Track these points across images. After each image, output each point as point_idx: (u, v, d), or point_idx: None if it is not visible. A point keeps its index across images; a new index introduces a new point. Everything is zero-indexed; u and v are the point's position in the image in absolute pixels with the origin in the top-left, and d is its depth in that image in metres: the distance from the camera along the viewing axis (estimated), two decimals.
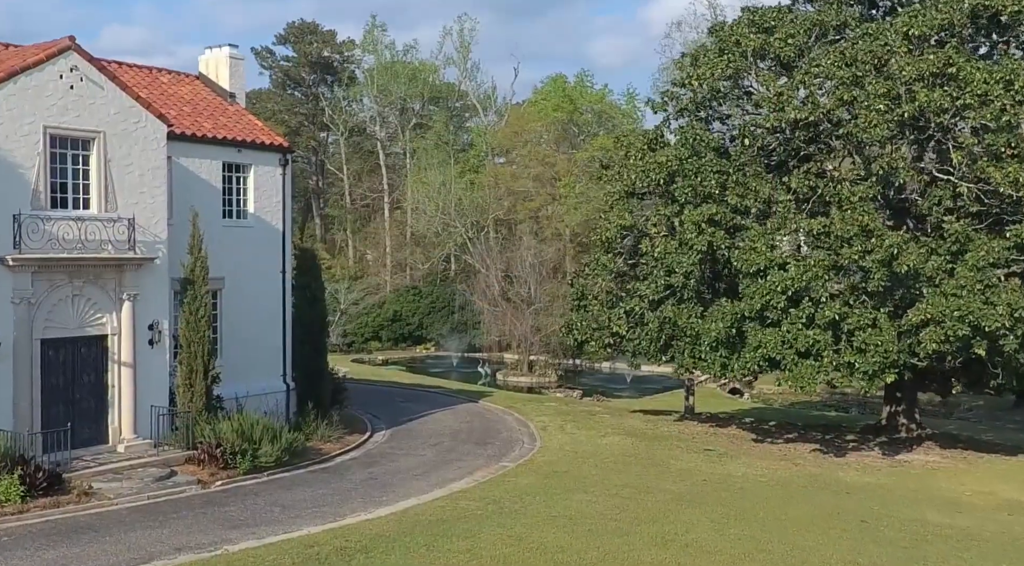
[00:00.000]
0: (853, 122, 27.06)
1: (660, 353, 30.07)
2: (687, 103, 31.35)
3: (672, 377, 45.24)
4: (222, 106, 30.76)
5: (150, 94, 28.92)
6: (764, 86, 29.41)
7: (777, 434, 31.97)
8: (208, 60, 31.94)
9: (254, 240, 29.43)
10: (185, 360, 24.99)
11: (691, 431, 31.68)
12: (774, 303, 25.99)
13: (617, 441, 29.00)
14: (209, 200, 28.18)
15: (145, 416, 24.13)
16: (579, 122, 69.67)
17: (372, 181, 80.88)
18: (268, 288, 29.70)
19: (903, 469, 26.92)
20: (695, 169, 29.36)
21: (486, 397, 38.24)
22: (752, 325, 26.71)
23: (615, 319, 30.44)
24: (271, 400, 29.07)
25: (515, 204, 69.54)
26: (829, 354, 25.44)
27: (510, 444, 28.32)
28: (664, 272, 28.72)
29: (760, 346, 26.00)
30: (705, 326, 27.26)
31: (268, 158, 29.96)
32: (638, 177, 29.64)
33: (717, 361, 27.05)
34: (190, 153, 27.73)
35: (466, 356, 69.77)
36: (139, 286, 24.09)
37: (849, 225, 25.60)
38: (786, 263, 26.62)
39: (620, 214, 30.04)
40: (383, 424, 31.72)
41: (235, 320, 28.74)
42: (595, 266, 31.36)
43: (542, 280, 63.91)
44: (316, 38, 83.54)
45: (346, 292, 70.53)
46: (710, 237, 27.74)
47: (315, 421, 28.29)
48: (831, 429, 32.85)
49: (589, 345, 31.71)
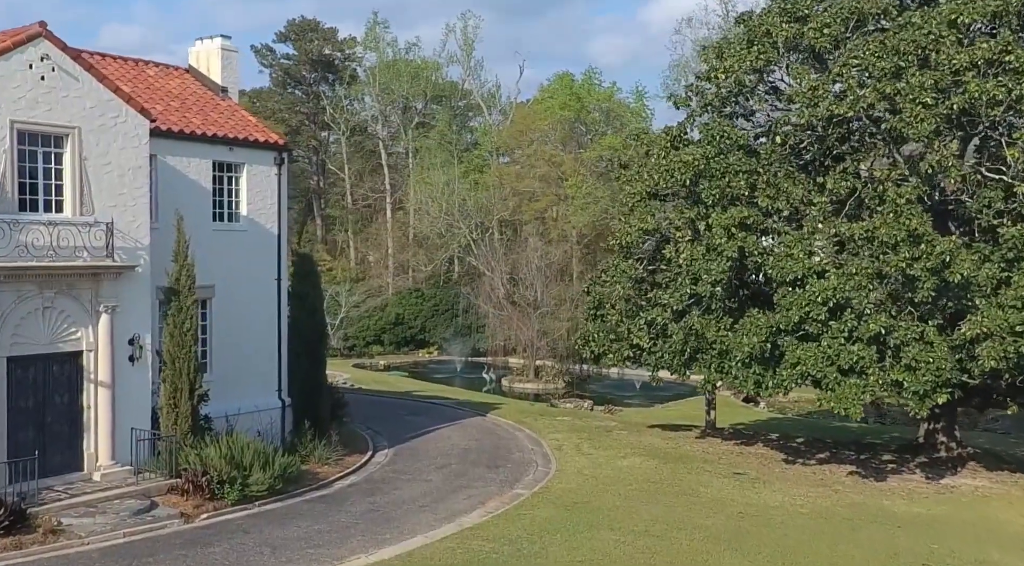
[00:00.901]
0: (898, 117, 24.56)
1: (684, 367, 27.56)
2: (712, 98, 28.86)
3: (683, 383, 42.83)
4: (213, 101, 28.27)
5: (135, 88, 26.43)
6: (797, 79, 26.91)
7: (808, 453, 29.49)
8: (199, 52, 29.45)
9: (247, 245, 26.96)
10: (169, 378, 22.52)
11: (716, 450, 29.20)
12: (814, 315, 23.49)
13: (639, 463, 26.51)
14: (198, 202, 25.73)
15: (124, 441, 21.67)
16: (587, 121, 67.13)
17: (374, 181, 78.39)
18: (262, 297, 27.22)
19: (952, 496, 24.43)
20: (722, 169, 26.87)
21: (494, 410, 35.77)
22: (789, 339, 24.23)
23: (635, 330, 27.95)
24: (265, 418, 26.64)
25: (520, 205, 67.04)
26: (875, 372, 22.95)
27: (523, 467, 25.85)
28: (690, 280, 26.23)
29: (799, 363, 23.50)
30: (736, 340, 24.76)
31: (262, 157, 27.48)
32: (661, 177, 27.13)
33: (750, 378, 24.54)
34: (177, 151, 25.26)
35: (470, 361, 67.33)
36: (118, 297, 21.62)
37: (896, 230, 23.11)
38: (825, 271, 24.13)
39: (642, 217, 27.53)
40: (385, 441, 29.27)
41: (226, 332, 26.28)
42: (613, 272, 28.84)
43: (548, 283, 61.44)
44: (317, 36, 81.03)
45: (347, 295, 68.10)
46: (741, 242, 25.25)
47: (312, 441, 25.86)
48: (864, 447, 30.36)
49: (607, 358, 29.22)
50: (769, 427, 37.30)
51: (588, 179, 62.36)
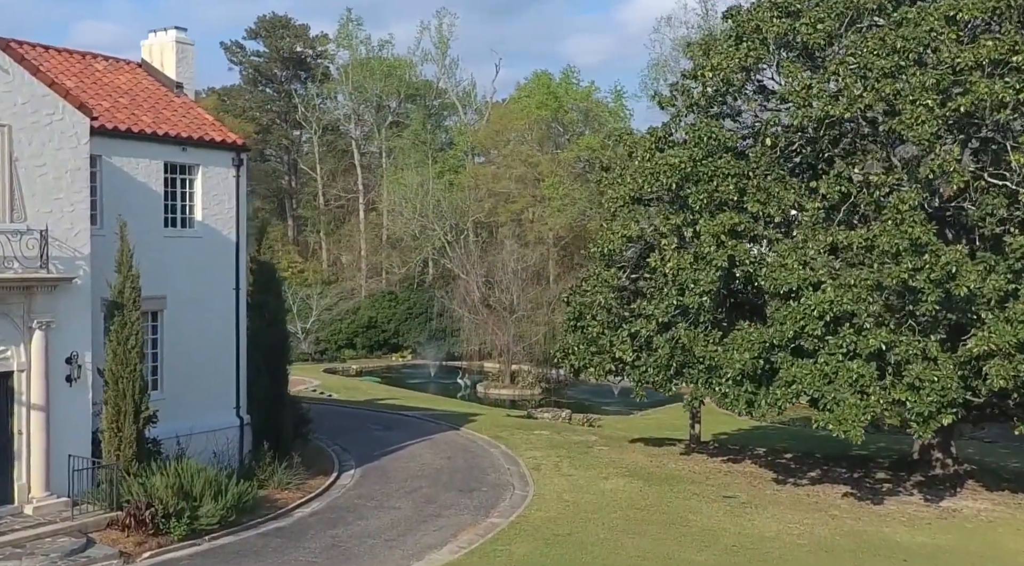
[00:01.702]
0: (897, 118, 22.85)
1: (669, 382, 25.73)
2: (698, 97, 27.05)
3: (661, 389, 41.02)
4: (166, 98, 26.11)
5: (80, 83, 24.31)
6: (789, 78, 25.14)
7: (798, 471, 27.76)
8: (151, 46, 27.25)
9: (202, 252, 24.85)
10: (112, 400, 20.38)
11: (703, 469, 27.39)
12: (809, 330, 21.72)
13: (622, 486, 24.64)
14: (148, 207, 23.61)
15: (61, 469, 19.52)
16: (564, 121, 65.25)
17: (346, 181, 76.17)
18: (219, 307, 25.12)
19: (956, 522, 22.75)
20: (710, 172, 25.08)
21: (469, 423, 33.81)
22: (783, 355, 22.45)
23: (618, 343, 26.10)
24: (222, 437, 24.57)
25: (496, 206, 65.11)
26: (876, 391, 21.20)
27: (499, 490, 23.92)
28: (676, 291, 24.41)
29: (794, 381, 21.73)
30: (727, 355, 22.95)
31: (219, 158, 25.36)
32: (646, 181, 25.27)
33: (742, 397, 22.73)
34: (124, 152, 23.12)
35: (445, 365, 65.33)
36: (54, 312, 19.48)
37: (898, 238, 21.38)
38: (821, 282, 22.37)
39: (625, 223, 25.66)
40: (352, 460, 27.24)
41: (179, 345, 24.16)
42: (595, 282, 26.96)
43: (525, 286, 59.55)
44: (288, 33, 78.71)
45: (318, 297, 65.91)
46: (731, 251, 23.45)
47: (272, 464, 23.81)
48: (856, 463, 28.67)
49: (588, 371, 27.34)
50: (754, 438, 35.63)
51: (565, 180, 60.56)
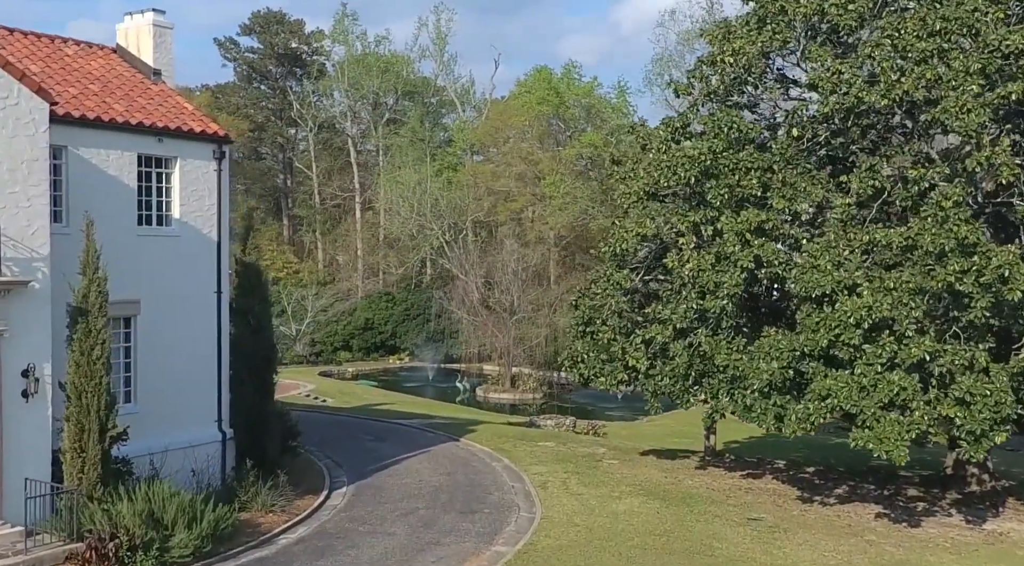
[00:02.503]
0: (940, 107, 20.66)
1: (686, 393, 23.54)
2: (717, 85, 24.84)
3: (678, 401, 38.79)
4: (142, 85, 23.84)
5: (47, 68, 22.07)
6: (817, 63, 22.93)
7: (823, 488, 25.58)
8: (127, 30, 24.93)
9: (180, 253, 22.60)
10: (74, 416, 18.13)
11: (721, 486, 25.18)
12: (845, 338, 19.51)
13: (637, 507, 22.40)
14: (119, 202, 21.34)
15: (16, 495, 17.26)
16: (565, 117, 62.94)
17: (343, 180, 73.93)
18: (199, 313, 22.85)
19: (1005, 548, 20.56)
20: (732, 165, 22.90)
21: (469, 433, 31.57)
22: (815, 365, 20.24)
23: (631, 350, 23.89)
24: (202, 454, 22.34)
25: (496, 205, 62.88)
26: (920, 406, 19.00)
27: (503, 512, 21.68)
28: (696, 294, 22.21)
29: (829, 395, 19.50)
30: (752, 365, 20.73)
31: (199, 150, 23.09)
32: (662, 174, 23.05)
33: (770, 411, 20.50)
34: (93, 142, 20.86)
35: (443, 367, 63.13)
36: (7, 319, 17.23)
37: (943, 238, 19.19)
38: (857, 285, 20.16)
39: (640, 221, 23.43)
40: (344, 476, 25.02)
41: (154, 354, 21.88)
42: (605, 284, 24.74)
43: (525, 287, 57.35)
44: (283, 29, 76.43)
45: (314, 299, 63.70)
46: (758, 250, 21.25)
47: (255, 484, 21.55)
48: (885, 478, 26.47)
49: (599, 381, 25.12)
50: (767, 446, 33.43)
51: (567, 178, 58.33)
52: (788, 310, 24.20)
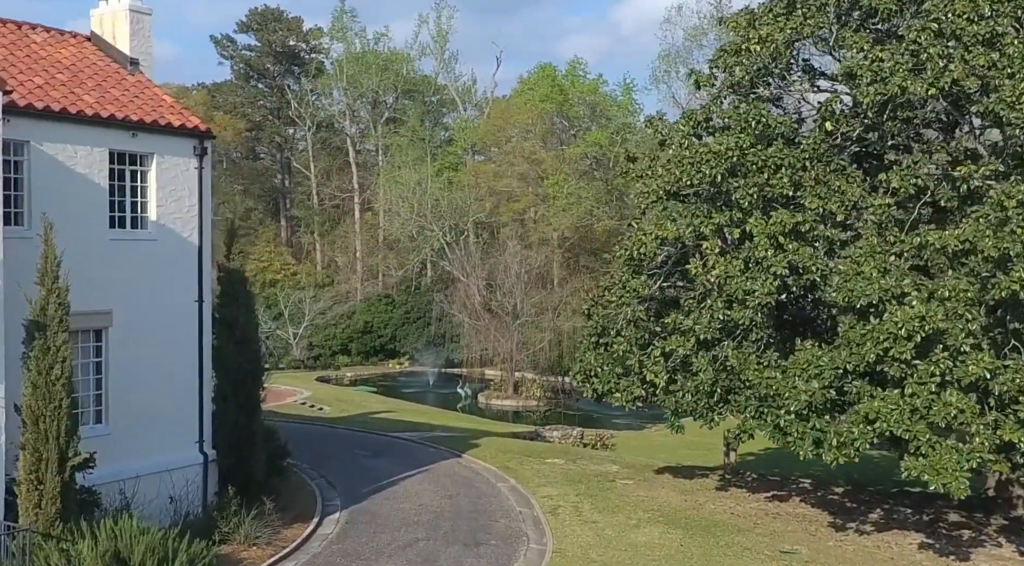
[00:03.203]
0: (995, 96, 18.47)
1: (711, 412, 21.32)
2: (741, 76, 22.65)
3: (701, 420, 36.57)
4: (117, 75, 21.61)
5: (10, 55, 19.90)
6: (855, 50, 20.73)
7: (856, 512, 23.38)
8: (102, 16, 22.67)
9: (158, 258, 20.36)
10: (31, 444, 15.90)
11: (746, 510, 22.97)
12: (896, 353, 17.28)
13: (658, 537, 20.17)
14: (89, 204, 19.16)
15: None
16: (570, 115, 60.67)
17: (341, 180, 71.72)
18: (178, 324, 20.61)
19: None
20: (760, 162, 20.72)
21: (471, 448, 29.36)
22: (860, 384, 18.03)
23: (649, 364, 21.69)
24: (181, 478, 20.14)
25: (498, 205, 60.66)
26: (980, 431, 16.78)
27: (511, 544, 19.46)
28: (723, 303, 20.00)
29: (877, 418, 17.28)
30: (788, 383, 18.51)
31: (178, 146, 20.86)
32: (684, 172, 20.83)
33: (808, 436, 18.25)
34: (59, 137, 18.66)
35: (443, 372, 60.91)
36: None
37: (1007, 241, 16.99)
38: (905, 294, 17.95)
39: (659, 223, 21.21)
40: (338, 499, 22.82)
41: (128, 369, 19.65)
42: (621, 291, 22.52)
43: (528, 290, 55.13)
44: (281, 26, 74.20)
45: (311, 301, 61.52)
46: (793, 255, 19.06)
47: (238, 513, 19.33)
48: (921, 502, 24.24)
49: (613, 397, 22.93)
50: (784, 459, 31.04)
51: (571, 178, 56.11)
52: (820, 321, 22.07)
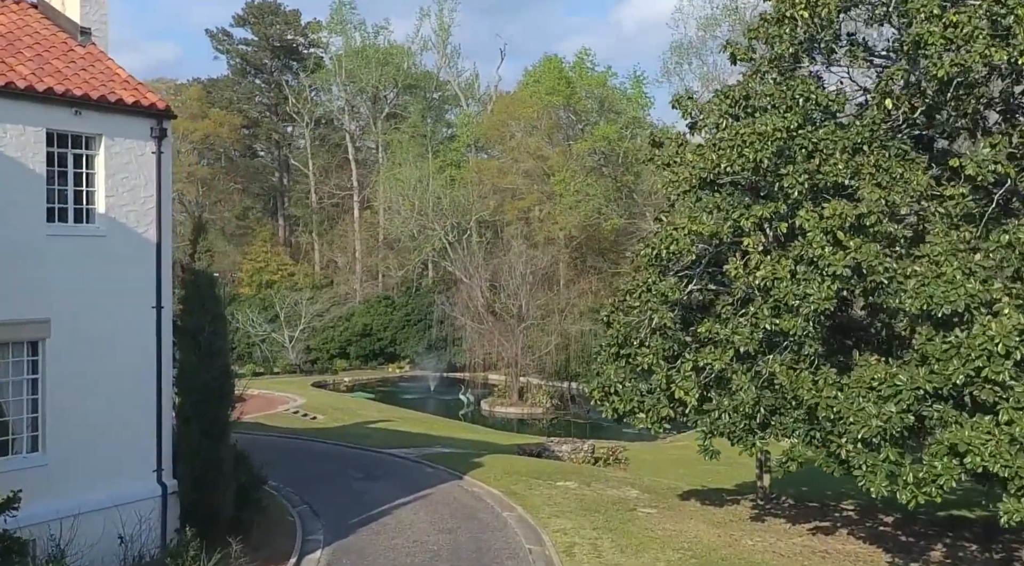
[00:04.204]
0: None
1: (752, 435, 18.01)
2: (785, 48, 19.35)
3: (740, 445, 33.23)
4: (64, 46, 18.33)
5: None
6: (924, 13, 17.43)
7: (915, 547, 20.12)
8: None
9: (107, 257, 17.08)
10: None
11: (790, 548, 19.66)
12: (991, 373, 13.99)
13: None
14: (22, 193, 15.93)
15: None
16: (577, 109, 57.36)
17: (340, 178, 68.51)
18: (130, 334, 17.33)
19: None
20: (810, 146, 17.46)
21: (474, 468, 26.10)
22: (942, 408, 14.72)
23: (679, 380, 18.40)
24: (133, 514, 16.87)
25: (502, 203, 57.40)
26: None
27: None
28: (770, 310, 16.71)
29: (968, 450, 13.97)
30: (852, 405, 15.20)
31: (131, 126, 17.57)
32: (724, 156, 17.53)
33: (880, 469, 14.94)
34: None
35: (445, 377, 57.72)
36: None
37: None
38: (995, 301, 14.67)
39: (694, 216, 17.91)
40: (321, 534, 19.55)
41: (71, 388, 16.39)
42: (647, 295, 19.19)
43: (534, 291, 51.89)
44: (278, 19, 71.01)
45: (308, 303, 58.30)
46: (856, 254, 15.76)
47: (198, 558, 16.06)
48: (985, 532, 20.96)
49: (636, 418, 19.63)
50: (814, 476, 27.80)
51: (578, 174, 52.82)
52: (874, 329, 18.79)
